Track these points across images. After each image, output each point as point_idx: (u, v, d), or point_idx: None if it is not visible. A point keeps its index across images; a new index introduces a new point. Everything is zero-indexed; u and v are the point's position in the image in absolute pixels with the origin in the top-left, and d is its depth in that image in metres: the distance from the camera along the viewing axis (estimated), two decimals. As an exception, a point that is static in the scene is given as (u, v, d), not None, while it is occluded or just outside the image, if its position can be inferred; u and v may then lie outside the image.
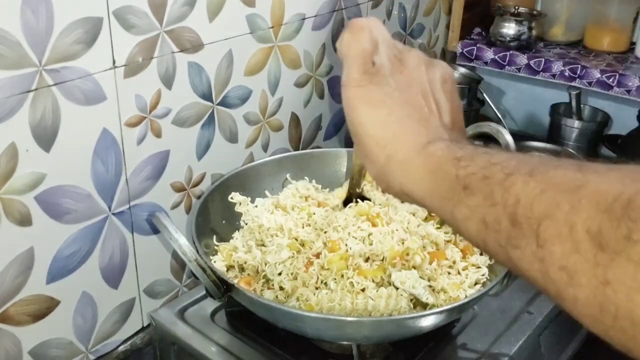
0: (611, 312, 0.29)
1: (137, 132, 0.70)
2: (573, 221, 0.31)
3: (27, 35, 0.57)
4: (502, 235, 0.34)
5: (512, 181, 0.35)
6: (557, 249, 0.31)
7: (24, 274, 0.64)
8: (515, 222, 0.34)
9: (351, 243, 0.66)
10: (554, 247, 0.31)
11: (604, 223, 0.30)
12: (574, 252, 0.30)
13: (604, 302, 0.29)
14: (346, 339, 0.65)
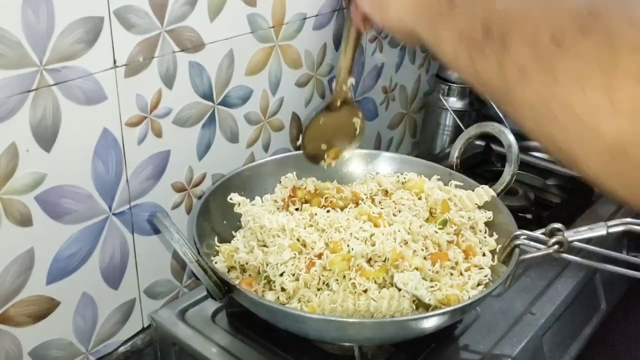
0: (553, 108, 0.31)
1: (137, 132, 0.70)
2: (539, 25, 0.33)
3: (27, 35, 0.56)
4: (472, 45, 0.37)
5: (495, 1, 0.37)
6: (518, 50, 0.34)
7: (24, 274, 0.64)
8: (487, 32, 0.36)
9: (353, 244, 0.66)
10: (515, 49, 0.34)
11: (566, 24, 0.31)
12: (532, 51, 0.32)
13: (548, 98, 0.31)
14: (348, 341, 0.64)
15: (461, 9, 0.39)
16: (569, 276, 0.82)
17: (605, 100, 0.29)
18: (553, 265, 0.83)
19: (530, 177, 1.05)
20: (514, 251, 0.65)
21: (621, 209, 0.98)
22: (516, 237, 0.65)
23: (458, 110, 1.16)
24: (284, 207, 0.77)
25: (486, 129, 0.81)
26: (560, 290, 0.80)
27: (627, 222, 0.63)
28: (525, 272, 0.82)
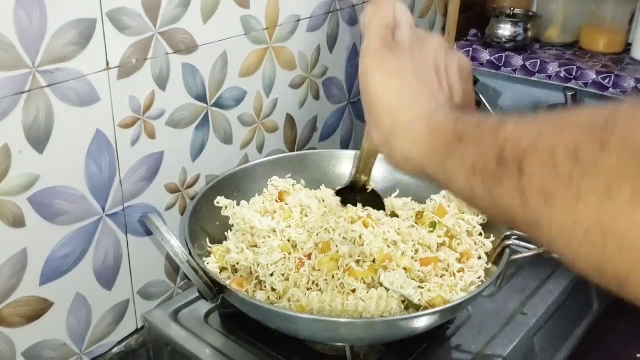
0: (583, 227, 0.30)
1: (131, 133, 0.70)
2: (554, 145, 0.32)
3: (20, 37, 0.57)
4: (488, 176, 0.36)
5: (504, 124, 0.36)
6: (537, 173, 0.32)
7: (18, 275, 0.64)
8: (501, 161, 0.35)
9: (341, 244, 0.66)
10: (534, 173, 0.32)
11: (583, 140, 0.30)
12: (552, 173, 0.31)
13: (577, 218, 0.30)
14: (339, 340, 0.65)
15: (470, 141, 0.38)
16: (561, 276, 0.82)
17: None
18: (545, 266, 0.84)
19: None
20: (505, 251, 0.66)
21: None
22: (507, 238, 0.66)
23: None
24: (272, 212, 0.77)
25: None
26: (552, 291, 0.80)
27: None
28: (517, 273, 0.82)
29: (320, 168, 0.87)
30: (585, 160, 0.30)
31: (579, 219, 0.30)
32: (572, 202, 0.30)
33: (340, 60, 0.99)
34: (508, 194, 0.34)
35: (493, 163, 0.35)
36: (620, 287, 0.30)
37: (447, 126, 0.40)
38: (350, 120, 1.07)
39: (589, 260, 0.31)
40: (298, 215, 0.73)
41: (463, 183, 0.38)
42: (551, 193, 0.31)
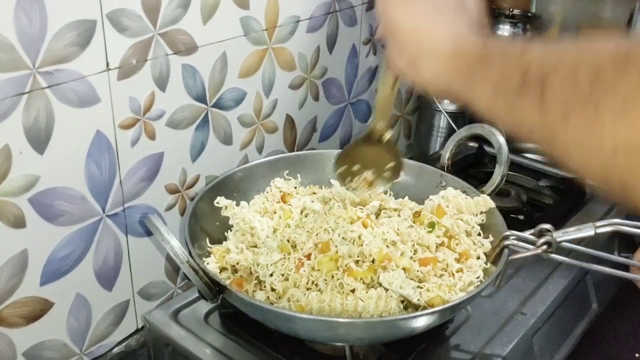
0: (598, 138, 0.32)
1: (131, 134, 0.70)
2: (577, 66, 0.34)
3: (20, 38, 0.57)
4: (511, 93, 0.38)
5: (530, 47, 0.39)
6: (558, 90, 0.34)
7: (18, 275, 0.64)
8: (525, 80, 0.37)
9: (340, 244, 0.66)
10: (555, 90, 0.35)
11: (605, 64, 0.33)
12: (573, 90, 0.33)
13: (593, 131, 0.32)
14: (339, 340, 0.65)
15: (496, 62, 0.41)
16: (560, 276, 0.83)
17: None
18: (544, 266, 0.84)
19: (522, 178, 1.06)
20: (503, 251, 0.66)
21: (613, 209, 0.99)
22: (505, 238, 0.66)
23: (452, 112, 1.16)
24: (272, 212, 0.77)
25: (477, 130, 0.82)
26: (551, 291, 0.80)
27: (615, 222, 0.64)
28: (516, 273, 0.83)
29: (319, 168, 0.87)
30: (606, 81, 0.32)
31: (595, 132, 0.33)
32: (589, 116, 0.33)
33: (340, 61, 1.00)
34: (529, 109, 0.37)
35: (517, 81, 0.38)
36: (626, 192, 0.33)
37: (473, 50, 0.43)
38: (349, 120, 1.07)
39: (599, 170, 0.34)
40: (297, 216, 0.73)
41: (486, 100, 0.41)
42: (571, 107, 0.34)
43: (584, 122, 0.33)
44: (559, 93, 0.35)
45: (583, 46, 0.36)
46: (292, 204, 0.77)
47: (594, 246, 0.68)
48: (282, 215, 0.75)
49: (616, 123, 0.32)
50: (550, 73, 0.36)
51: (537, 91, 0.36)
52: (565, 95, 0.34)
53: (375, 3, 0.51)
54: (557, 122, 0.35)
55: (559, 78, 0.35)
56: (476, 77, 0.42)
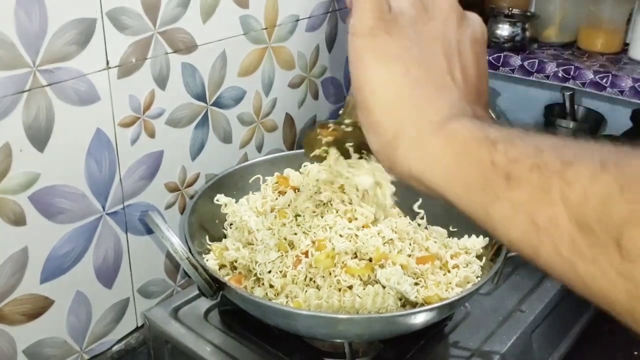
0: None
1: (130, 132, 0.71)
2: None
3: (20, 36, 0.57)
4: (564, 241, 0.27)
5: (575, 173, 0.27)
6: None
7: (18, 273, 0.64)
8: (584, 227, 0.26)
9: (336, 242, 0.66)
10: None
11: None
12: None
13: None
14: (338, 337, 0.65)
15: (527, 188, 0.28)
16: (559, 274, 0.83)
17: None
18: (543, 264, 0.84)
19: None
20: (501, 248, 0.66)
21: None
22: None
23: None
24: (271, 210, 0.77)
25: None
26: (550, 288, 0.80)
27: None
28: (515, 270, 0.83)
29: (319, 167, 0.87)
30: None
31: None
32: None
33: (339, 60, 1.00)
34: (604, 276, 0.26)
35: (570, 226, 0.26)
36: None
37: (480, 152, 0.30)
38: (349, 119, 1.07)
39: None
40: (292, 216, 0.73)
41: (519, 236, 0.29)
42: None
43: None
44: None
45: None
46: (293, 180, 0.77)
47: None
48: (277, 215, 0.75)
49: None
50: (626, 228, 0.24)
51: (613, 253, 0.25)
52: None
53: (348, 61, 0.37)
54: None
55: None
56: (497, 203, 0.29)
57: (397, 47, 0.35)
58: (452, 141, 0.32)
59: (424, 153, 0.33)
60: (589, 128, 1.23)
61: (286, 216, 0.72)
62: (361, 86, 0.36)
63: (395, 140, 0.34)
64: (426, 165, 0.33)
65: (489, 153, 0.30)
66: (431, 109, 0.34)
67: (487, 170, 0.30)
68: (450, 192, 0.32)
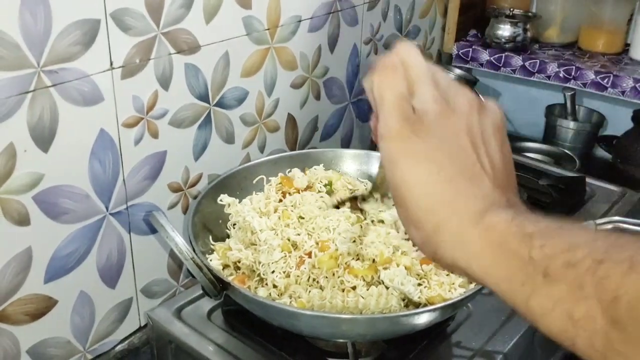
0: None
1: (134, 132, 0.71)
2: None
3: (25, 37, 0.57)
4: (598, 336, 0.29)
5: (606, 271, 0.29)
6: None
7: (22, 273, 0.65)
8: (616, 323, 0.28)
9: (339, 243, 0.67)
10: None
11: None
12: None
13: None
14: (341, 337, 0.65)
15: (563, 284, 0.30)
16: (561, 274, 0.83)
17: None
18: (545, 264, 0.84)
19: (523, 177, 1.06)
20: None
21: (612, 208, 0.99)
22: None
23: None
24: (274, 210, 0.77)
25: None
26: (552, 288, 0.80)
27: (616, 220, 0.64)
28: (517, 271, 0.83)
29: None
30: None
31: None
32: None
33: (341, 60, 1.00)
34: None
35: (604, 322, 0.28)
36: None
37: (518, 247, 0.32)
38: (350, 120, 1.07)
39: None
40: (296, 218, 0.73)
41: (558, 330, 0.31)
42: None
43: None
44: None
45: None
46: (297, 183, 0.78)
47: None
48: (281, 215, 0.76)
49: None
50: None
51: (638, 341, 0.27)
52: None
53: (380, 161, 0.39)
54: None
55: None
56: (536, 296, 0.31)
57: (426, 146, 0.37)
58: (490, 236, 0.34)
59: (464, 246, 0.35)
60: (590, 128, 1.24)
61: (290, 217, 0.72)
62: (397, 186, 0.37)
63: (435, 234, 0.36)
64: (467, 258, 0.35)
65: (527, 248, 0.32)
66: (467, 201, 0.36)
67: (526, 265, 0.32)
68: (492, 284, 0.34)
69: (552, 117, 1.25)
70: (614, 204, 1.00)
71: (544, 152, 1.23)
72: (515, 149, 0.81)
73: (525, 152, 1.19)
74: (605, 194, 1.03)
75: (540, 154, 1.22)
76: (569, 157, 1.19)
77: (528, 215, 0.34)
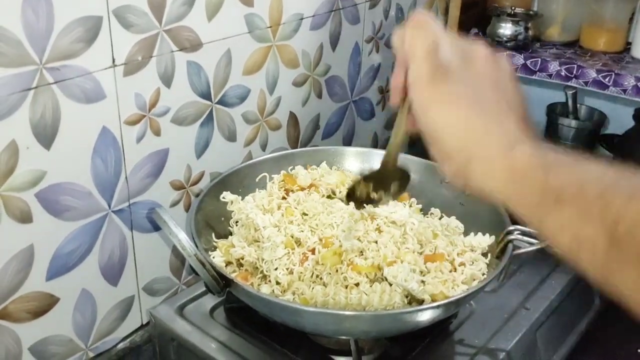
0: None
1: (136, 130, 0.71)
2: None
3: (27, 34, 0.57)
4: (598, 255, 0.33)
5: (611, 198, 0.33)
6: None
7: (24, 270, 0.65)
8: (614, 244, 0.32)
9: (343, 239, 0.66)
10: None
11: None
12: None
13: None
14: (344, 334, 0.65)
15: (572, 208, 0.34)
16: (563, 272, 0.83)
17: None
18: (547, 262, 0.84)
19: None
20: (508, 246, 0.66)
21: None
22: (510, 232, 0.66)
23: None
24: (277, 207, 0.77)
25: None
26: (554, 286, 0.81)
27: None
28: (520, 268, 0.83)
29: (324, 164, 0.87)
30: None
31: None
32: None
33: (343, 58, 1.00)
34: (630, 286, 0.32)
35: (604, 243, 0.32)
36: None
37: (537, 174, 0.37)
38: (352, 118, 1.07)
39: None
40: (299, 214, 0.73)
41: (566, 248, 0.35)
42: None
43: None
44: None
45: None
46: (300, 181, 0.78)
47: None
48: (284, 212, 0.76)
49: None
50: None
51: (636, 264, 0.31)
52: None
53: (412, 102, 0.43)
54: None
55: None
56: (548, 217, 0.36)
57: (455, 91, 0.41)
58: (515, 165, 0.38)
59: (492, 175, 0.40)
60: (591, 127, 1.23)
61: (293, 214, 0.72)
62: (431, 126, 0.42)
63: (467, 167, 0.41)
64: (493, 185, 0.40)
65: (544, 175, 0.37)
66: (496, 137, 0.40)
67: (542, 190, 0.36)
68: (513, 206, 0.39)
69: (554, 116, 1.25)
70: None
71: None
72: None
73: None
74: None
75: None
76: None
77: (548, 149, 0.39)
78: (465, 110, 0.41)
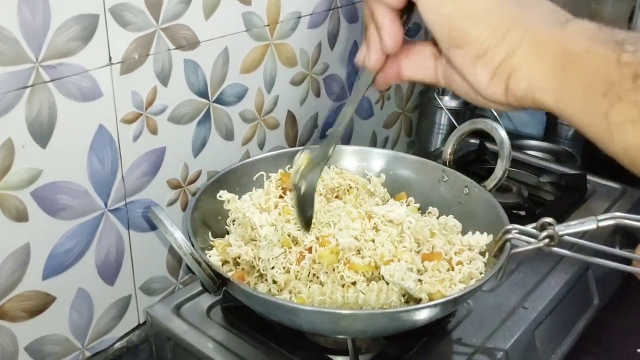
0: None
1: (133, 128, 0.70)
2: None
3: (23, 32, 0.57)
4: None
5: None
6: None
7: (20, 269, 0.64)
8: None
9: (340, 237, 0.66)
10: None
11: None
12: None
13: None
14: (341, 333, 0.65)
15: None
16: (562, 271, 0.83)
17: None
18: (545, 261, 0.84)
19: (524, 174, 1.06)
20: (505, 245, 0.66)
21: (613, 205, 0.99)
22: (507, 232, 0.66)
23: (453, 109, 1.17)
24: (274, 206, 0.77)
25: (479, 125, 0.82)
26: (553, 285, 0.80)
27: (617, 216, 0.64)
28: (518, 267, 0.83)
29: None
30: None
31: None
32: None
33: (341, 57, 1.00)
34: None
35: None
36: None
37: (605, 52, 0.30)
38: (350, 117, 1.07)
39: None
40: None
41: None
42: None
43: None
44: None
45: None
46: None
47: (596, 242, 0.68)
48: (281, 211, 0.75)
49: None
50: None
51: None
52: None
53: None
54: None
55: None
56: (617, 104, 0.29)
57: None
58: (574, 43, 0.31)
59: (540, 59, 0.32)
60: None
61: (290, 212, 0.72)
62: (457, 20, 0.34)
63: (507, 60, 0.33)
64: (545, 78, 0.32)
65: (615, 53, 0.29)
66: (537, 15, 0.33)
67: (611, 70, 0.29)
68: (565, 104, 0.31)
69: (554, 115, 1.24)
70: (614, 202, 1.00)
71: (544, 149, 1.22)
72: (516, 147, 0.81)
73: (526, 150, 1.19)
74: (606, 192, 1.03)
75: (541, 151, 1.22)
76: (569, 154, 1.19)
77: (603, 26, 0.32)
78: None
